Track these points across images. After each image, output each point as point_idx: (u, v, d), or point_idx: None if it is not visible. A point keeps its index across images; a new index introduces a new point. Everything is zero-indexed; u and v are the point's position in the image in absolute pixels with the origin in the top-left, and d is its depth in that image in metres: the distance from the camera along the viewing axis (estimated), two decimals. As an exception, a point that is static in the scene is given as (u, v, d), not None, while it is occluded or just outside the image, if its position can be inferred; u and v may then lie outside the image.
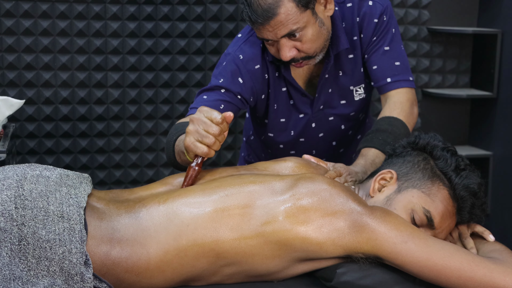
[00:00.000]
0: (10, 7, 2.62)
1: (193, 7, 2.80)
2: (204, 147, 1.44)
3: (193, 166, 1.51)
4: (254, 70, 1.82)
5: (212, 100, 1.77)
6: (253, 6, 1.65)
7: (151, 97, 2.84)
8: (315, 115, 1.93)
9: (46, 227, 1.30)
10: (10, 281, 1.26)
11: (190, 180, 1.51)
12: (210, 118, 1.43)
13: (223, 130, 1.45)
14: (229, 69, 1.81)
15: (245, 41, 1.84)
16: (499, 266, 1.35)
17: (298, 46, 1.71)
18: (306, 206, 1.39)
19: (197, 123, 1.44)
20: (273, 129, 1.96)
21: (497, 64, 2.94)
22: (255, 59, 1.82)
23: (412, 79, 1.87)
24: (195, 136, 1.44)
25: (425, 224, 1.48)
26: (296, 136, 1.97)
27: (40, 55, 2.69)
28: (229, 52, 1.84)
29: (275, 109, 1.91)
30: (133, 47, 2.77)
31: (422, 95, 3.10)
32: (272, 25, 1.65)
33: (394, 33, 1.86)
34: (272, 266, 1.41)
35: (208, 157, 1.48)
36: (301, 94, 1.89)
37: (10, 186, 1.34)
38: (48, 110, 2.75)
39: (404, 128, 1.79)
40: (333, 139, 2.01)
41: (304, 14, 1.67)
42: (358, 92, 1.92)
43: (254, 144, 2.15)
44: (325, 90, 1.89)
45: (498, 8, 2.96)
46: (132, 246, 1.36)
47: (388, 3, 1.86)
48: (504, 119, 2.94)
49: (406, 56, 1.89)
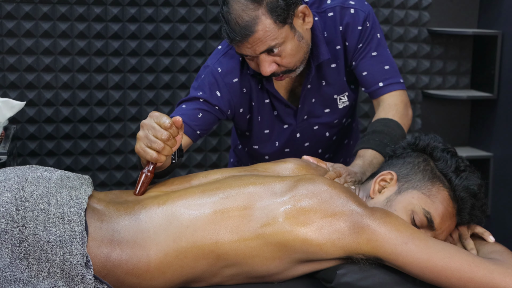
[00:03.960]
0: (11, 9, 2.62)
1: (193, 9, 2.80)
2: (153, 153, 1.43)
3: (145, 172, 1.49)
4: (232, 84, 1.82)
5: (191, 109, 1.78)
6: (230, 23, 1.64)
7: (151, 98, 2.84)
8: (299, 125, 1.93)
9: (47, 229, 1.30)
10: (11, 283, 1.26)
11: (142, 186, 1.49)
12: (159, 123, 1.43)
13: (173, 135, 1.44)
14: (207, 82, 1.81)
15: (224, 54, 1.84)
16: (500, 267, 1.35)
17: (277, 61, 1.70)
18: (306, 207, 1.39)
19: (146, 128, 1.44)
20: (257, 141, 1.96)
21: (497, 65, 2.94)
22: (234, 72, 1.82)
23: (402, 81, 1.88)
24: (144, 142, 1.44)
25: (425, 225, 1.48)
26: (281, 147, 1.97)
27: (41, 57, 2.69)
28: (208, 64, 1.84)
29: (259, 121, 1.90)
30: (133, 49, 2.78)
31: (422, 96, 3.10)
32: (250, 42, 1.65)
33: (379, 38, 1.86)
34: (272, 268, 1.41)
35: (159, 162, 1.47)
36: (284, 105, 1.88)
37: (11, 188, 1.35)
38: (49, 112, 2.75)
39: (400, 129, 1.79)
40: (319, 147, 2.01)
41: (282, 30, 1.66)
42: (342, 100, 1.92)
43: (240, 153, 2.15)
44: (308, 100, 1.89)
45: (498, 10, 2.96)
46: (132, 248, 1.36)
47: (370, 8, 1.85)
48: (504, 120, 2.94)
49: (393, 58, 1.89)
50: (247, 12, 1.62)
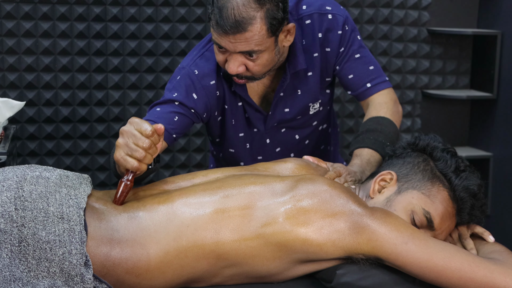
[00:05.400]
0: (11, 9, 2.62)
1: (193, 8, 2.80)
2: (134, 162, 1.38)
3: (124, 181, 1.43)
4: (209, 86, 1.77)
5: (166, 112, 1.71)
6: (224, 12, 1.58)
7: (151, 98, 2.84)
8: (268, 132, 1.90)
9: (46, 228, 1.30)
10: (11, 282, 1.26)
11: (121, 195, 1.43)
12: (140, 130, 1.37)
13: (154, 143, 1.39)
14: (183, 84, 1.76)
15: (200, 56, 1.80)
16: (500, 267, 1.35)
17: (248, 65, 1.67)
18: (306, 207, 1.39)
19: (126, 136, 1.38)
20: (233, 144, 1.92)
21: (497, 65, 2.94)
22: (211, 74, 1.78)
23: (387, 79, 1.88)
24: (124, 150, 1.38)
25: (425, 225, 1.48)
26: (253, 153, 1.94)
27: (41, 57, 2.69)
28: (183, 66, 1.80)
29: (233, 124, 1.87)
30: (133, 49, 2.78)
31: (422, 96, 3.10)
32: (236, 38, 1.60)
33: (359, 39, 1.85)
34: (272, 268, 1.41)
35: (140, 171, 1.41)
36: (254, 109, 1.85)
37: (10, 188, 1.34)
38: (48, 112, 2.75)
39: (393, 126, 1.79)
40: (290, 152, 1.98)
41: (269, 40, 1.63)
42: (314, 107, 1.89)
43: (216, 159, 2.10)
44: (280, 108, 1.86)
45: (498, 9, 2.96)
46: (132, 246, 1.36)
47: (346, 12, 1.84)
48: (504, 120, 2.94)
49: (374, 58, 1.89)
50: (247, 8, 1.58)
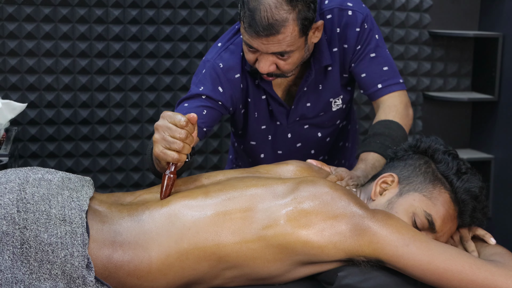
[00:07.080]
0: (13, 11, 2.62)
1: (195, 10, 2.80)
2: (174, 154, 1.41)
3: (167, 174, 1.47)
4: (234, 79, 1.79)
5: (194, 107, 1.74)
6: (257, 14, 1.60)
7: (153, 100, 2.84)
8: (290, 126, 1.92)
9: (48, 231, 1.30)
10: (13, 285, 1.26)
11: (167, 189, 1.46)
12: (174, 122, 1.40)
13: (190, 132, 1.42)
14: (209, 77, 1.78)
15: (225, 49, 1.81)
16: (501, 269, 1.35)
17: (279, 64, 1.69)
18: (307, 209, 1.39)
19: (162, 130, 1.41)
20: (255, 137, 1.94)
21: (498, 67, 2.94)
22: (236, 68, 1.79)
23: (402, 81, 1.87)
24: (162, 144, 1.41)
25: (427, 227, 1.48)
26: (273, 146, 1.95)
27: (42, 59, 2.69)
28: (208, 59, 1.81)
29: (256, 117, 1.89)
30: (135, 51, 2.78)
31: (423, 98, 3.10)
32: (269, 40, 1.62)
33: (378, 39, 1.84)
34: (273, 270, 1.41)
35: (180, 162, 1.45)
36: (278, 103, 1.87)
37: (12, 190, 1.35)
38: (50, 114, 2.75)
39: (401, 130, 1.78)
40: (311, 148, 1.99)
41: (300, 39, 1.66)
42: (337, 103, 1.90)
43: (238, 150, 2.13)
44: (303, 102, 1.88)
45: (499, 12, 2.96)
46: (134, 249, 1.36)
47: (368, 10, 1.84)
48: (505, 122, 2.94)
49: (392, 59, 1.88)
50: (279, 11, 1.59)
